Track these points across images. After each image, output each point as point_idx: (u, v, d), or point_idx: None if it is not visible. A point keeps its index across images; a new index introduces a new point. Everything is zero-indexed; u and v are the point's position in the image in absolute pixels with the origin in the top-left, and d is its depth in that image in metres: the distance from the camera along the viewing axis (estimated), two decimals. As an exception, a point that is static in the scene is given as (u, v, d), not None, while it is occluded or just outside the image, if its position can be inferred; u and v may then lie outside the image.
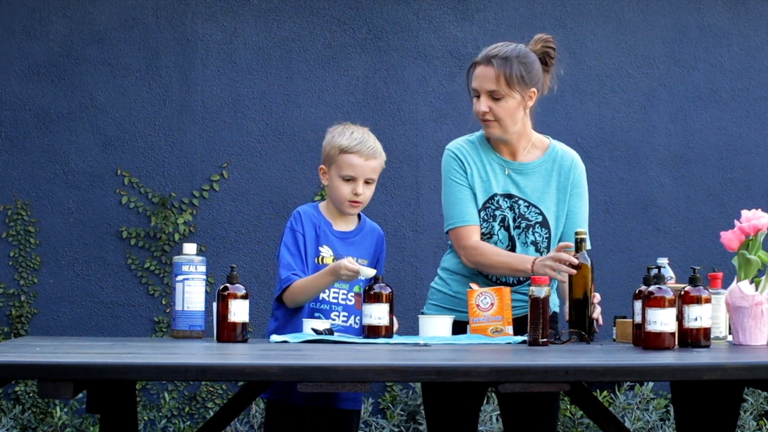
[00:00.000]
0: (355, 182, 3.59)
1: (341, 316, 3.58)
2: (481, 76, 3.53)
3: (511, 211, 3.56)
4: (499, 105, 3.52)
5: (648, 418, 5.88)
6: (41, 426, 5.75)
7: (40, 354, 2.78)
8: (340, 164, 3.59)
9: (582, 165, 3.67)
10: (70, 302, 5.90)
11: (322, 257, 3.60)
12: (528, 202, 3.57)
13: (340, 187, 3.59)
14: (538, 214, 3.57)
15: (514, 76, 3.50)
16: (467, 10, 6.14)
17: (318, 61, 6.07)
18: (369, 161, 3.60)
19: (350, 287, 3.61)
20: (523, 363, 2.73)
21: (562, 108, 6.16)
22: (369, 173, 3.60)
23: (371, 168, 3.61)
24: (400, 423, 5.87)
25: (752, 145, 6.28)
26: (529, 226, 3.56)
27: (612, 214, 6.18)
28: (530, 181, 3.60)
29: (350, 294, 3.61)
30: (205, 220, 5.99)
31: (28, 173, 5.91)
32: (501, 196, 3.58)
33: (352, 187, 3.59)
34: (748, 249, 3.30)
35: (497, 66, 3.50)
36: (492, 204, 3.57)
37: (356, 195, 3.58)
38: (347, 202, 3.60)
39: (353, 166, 3.58)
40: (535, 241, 3.56)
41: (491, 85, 3.51)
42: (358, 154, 3.59)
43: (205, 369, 2.62)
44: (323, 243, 3.61)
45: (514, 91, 3.51)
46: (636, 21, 6.24)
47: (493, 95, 3.52)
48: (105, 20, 5.98)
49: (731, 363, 2.75)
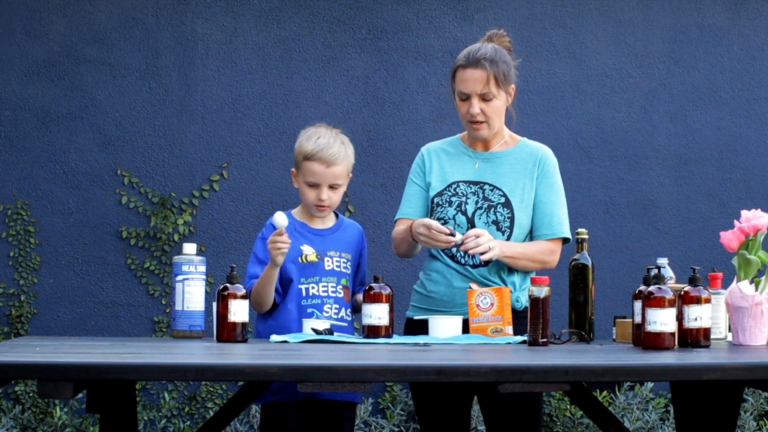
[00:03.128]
0: (319, 189, 3.65)
1: (333, 308, 3.62)
2: (471, 79, 3.59)
3: (474, 195, 3.62)
4: (490, 106, 3.60)
5: (648, 418, 5.88)
6: (41, 426, 5.75)
7: (40, 354, 2.78)
8: (304, 171, 3.66)
9: (553, 159, 3.71)
10: (69, 302, 5.90)
11: (305, 255, 3.65)
12: (493, 185, 3.64)
13: (306, 193, 3.68)
14: (501, 195, 3.62)
15: (502, 75, 3.58)
16: (467, 10, 6.14)
17: (318, 61, 6.07)
18: (330, 168, 3.64)
19: (338, 280, 3.66)
20: (523, 363, 2.73)
21: (562, 108, 6.15)
22: (331, 180, 3.65)
23: (333, 174, 3.65)
24: (399, 423, 5.87)
25: (752, 146, 6.28)
26: (491, 206, 3.61)
27: (612, 214, 6.18)
28: (497, 168, 3.66)
29: (339, 287, 3.66)
30: (204, 220, 5.99)
31: (28, 173, 5.91)
32: (464, 182, 3.65)
33: (316, 193, 3.65)
34: (748, 249, 3.30)
35: (488, 68, 3.57)
36: (449, 191, 3.65)
37: (320, 200, 3.64)
38: (314, 207, 3.67)
39: (315, 174, 3.64)
40: (496, 221, 3.59)
41: (483, 87, 3.58)
42: (320, 161, 3.63)
43: (204, 369, 2.62)
44: (302, 243, 3.65)
45: (501, 90, 3.60)
46: (636, 21, 6.24)
47: (485, 97, 3.58)
48: (105, 20, 5.98)
49: (731, 363, 2.75)
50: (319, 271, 3.64)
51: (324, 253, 3.66)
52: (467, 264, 3.60)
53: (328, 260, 3.65)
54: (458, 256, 3.61)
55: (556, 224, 3.63)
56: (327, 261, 3.65)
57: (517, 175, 3.64)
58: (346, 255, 3.70)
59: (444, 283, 3.62)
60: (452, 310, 3.57)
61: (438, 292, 3.63)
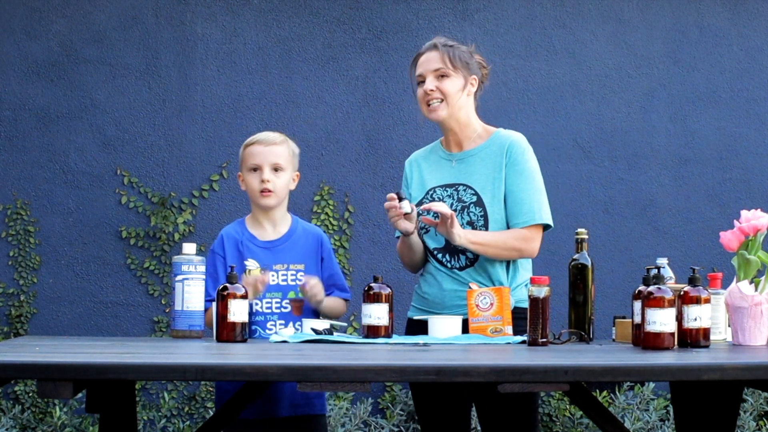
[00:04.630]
0: (261, 171, 3.65)
1: (278, 325, 3.59)
2: (425, 61, 3.66)
3: (450, 198, 3.62)
4: (444, 83, 3.62)
5: (648, 419, 5.88)
6: (41, 426, 5.75)
7: (40, 354, 2.77)
8: (245, 159, 3.70)
9: (522, 145, 3.64)
10: (69, 302, 5.90)
11: (249, 270, 3.63)
12: (466, 185, 3.63)
13: (250, 182, 3.68)
14: (473, 194, 3.61)
15: (458, 57, 3.63)
16: (467, 11, 6.14)
17: (318, 61, 6.07)
18: (270, 147, 3.68)
19: (284, 294, 3.63)
20: (523, 363, 2.73)
21: (562, 108, 6.16)
22: (273, 159, 3.67)
23: (274, 154, 3.68)
24: (399, 423, 5.87)
25: (752, 146, 6.28)
26: (464, 207, 3.60)
27: (611, 214, 6.18)
28: (470, 167, 3.65)
29: (284, 301, 3.62)
30: (204, 220, 5.99)
31: (27, 173, 5.91)
32: (440, 187, 3.66)
33: (258, 175, 3.65)
34: (748, 249, 3.30)
35: (441, 49, 3.64)
36: (426, 199, 3.66)
37: (264, 183, 3.64)
38: (258, 193, 3.66)
39: (254, 155, 3.68)
40: (470, 221, 3.58)
41: (437, 64, 3.63)
42: (258, 143, 3.69)
43: (204, 369, 2.62)
44: (247, 257, 3.64)
45: (458, 71, 3.63)
46: (636, 21, 6.24)
47: (439, 73, 3.62)
48: (104, 20, 5.98)
49: (730, 363, 2.75)
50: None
51: (269, 267, 3.61)
52: (454, 267, 3.60)
53: (273, 275, 3.61)
54: (444, 260, 3.61)
55: (527, 211, 3.57)
56: (272, 276, 3.61)
57: (488, 171, 3.62)
58: (296, 266, 3.64)
59: (435, 285, 3.63)
60: (443, 312, 3.57)
61: (431, 293, 3.64)
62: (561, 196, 5.94)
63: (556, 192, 5.70)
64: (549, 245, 3.76)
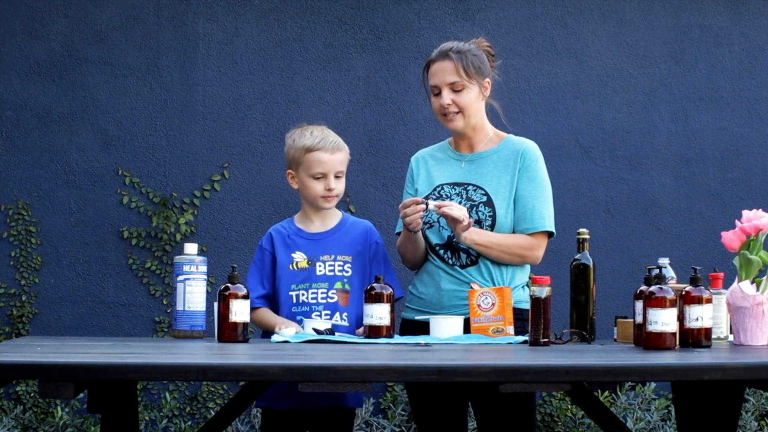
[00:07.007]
0: (326, 178, 3.65)
1: (323, 315, 3.59)
2: (439, 71, 3.66)
3: (458, 196, 3.63)
4: (461, 96, 3.63)
5: (649, 419, 5.88)
6: (42, 426, 5.75)
7: (41, 354, 2.77)
8: (308, 164, 3.65)
9: (536, 153, 3.67)
10: (71, 302, 5.90)
11: (296, 262, 3.64)
12: (476, 185, 3.64)
13: (312, 187, 3.66)
14: (483, 194, 3.62)
15: (471, 65, 3.63)
16: (468, 10, 6.14)
17: (319, 61, 6.07)
18: (335, 154, 3.66)
19: (330, 285, 3.63)
20: (524, 363, 2.73)
21: (563, 108, 6.15)
22: (337, 166, 3.67)
23: (339, 161, 3.67)
24: (401, 423, 5.87)
25: (753, 145, 6.27)
26: (473, 206, 3.60)
27: (613, 214, 6.18)
28: (481, 168, 3.66)
29: (330, 291, 3.63)
30: (206, 220, 5.99)
31: (29, 173, 5.91)
32: (448, 184, 3.66)
33: (324, 183, 3.65)
34: (749, 249, 3.30)
35: (455, 58, 3.62)
36: (434, 195, 3.66)
37: (329, 191, 3.64)
38: (320, 198, 3.65)
39: (321, 163, 3.64)
40: (478, 220, 3.59)
41: (452, 77, 3.63)
42: (323, 150, 3.65)
43: (206, 369, 2.62)
44: (295, 250, 3.65)
45: (472, 80, 3.63)
46: (637, 21, 6.23)
47: (454, 87, 3.63)
48: (106, 20, 5.98)
49: (732, 363, 2.75)
50: (311, 277, 3.62)
51: (316, 258, 3.63)
52: (455, 264, 3.60)
53: (320, 265, 3.63)
54: (445, 256, 3.61)
55: (537, 218, 3.60)
56: (319, 266, 3.62)
57: (500, 173, 3.63)
58: (344, 257, 3.65)
59: (432, 285, 3.63)
60: (440, 312, 3.57)
61: (427, 294, 3.63)
62: (562, 196, 5.94)
63: (558, 192, 5.68)
64: (550, 245, 3.76)
